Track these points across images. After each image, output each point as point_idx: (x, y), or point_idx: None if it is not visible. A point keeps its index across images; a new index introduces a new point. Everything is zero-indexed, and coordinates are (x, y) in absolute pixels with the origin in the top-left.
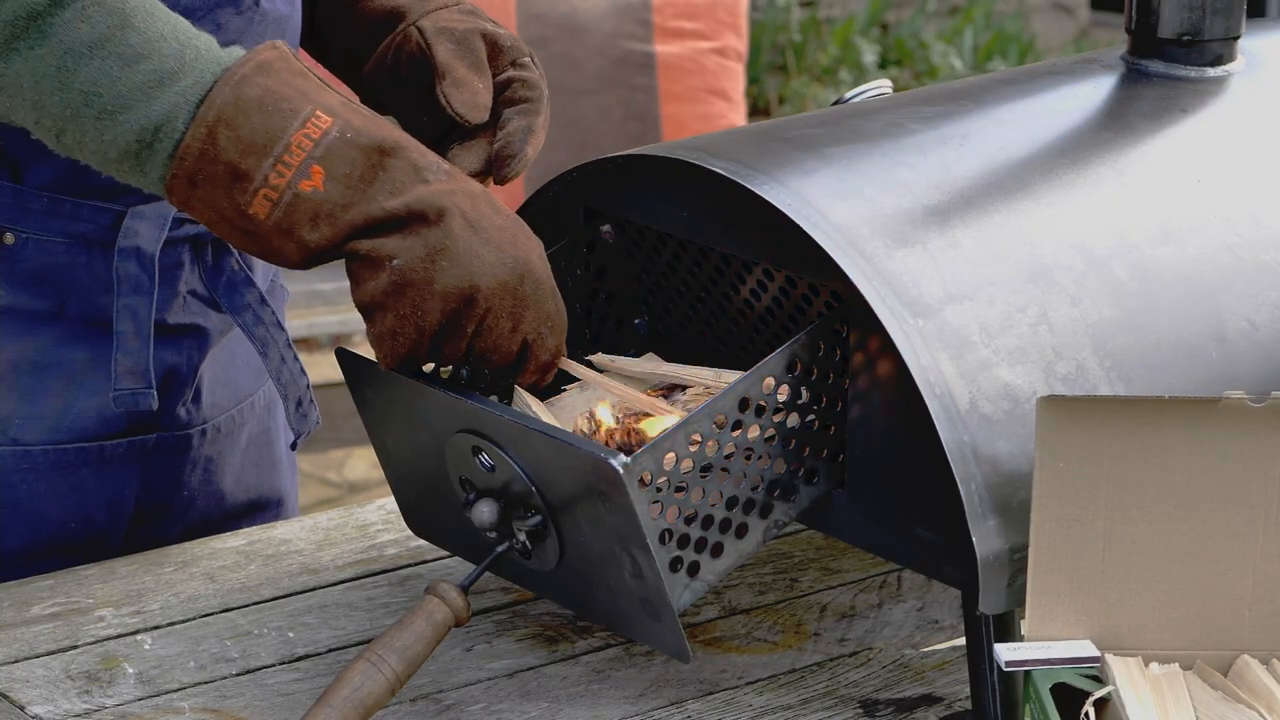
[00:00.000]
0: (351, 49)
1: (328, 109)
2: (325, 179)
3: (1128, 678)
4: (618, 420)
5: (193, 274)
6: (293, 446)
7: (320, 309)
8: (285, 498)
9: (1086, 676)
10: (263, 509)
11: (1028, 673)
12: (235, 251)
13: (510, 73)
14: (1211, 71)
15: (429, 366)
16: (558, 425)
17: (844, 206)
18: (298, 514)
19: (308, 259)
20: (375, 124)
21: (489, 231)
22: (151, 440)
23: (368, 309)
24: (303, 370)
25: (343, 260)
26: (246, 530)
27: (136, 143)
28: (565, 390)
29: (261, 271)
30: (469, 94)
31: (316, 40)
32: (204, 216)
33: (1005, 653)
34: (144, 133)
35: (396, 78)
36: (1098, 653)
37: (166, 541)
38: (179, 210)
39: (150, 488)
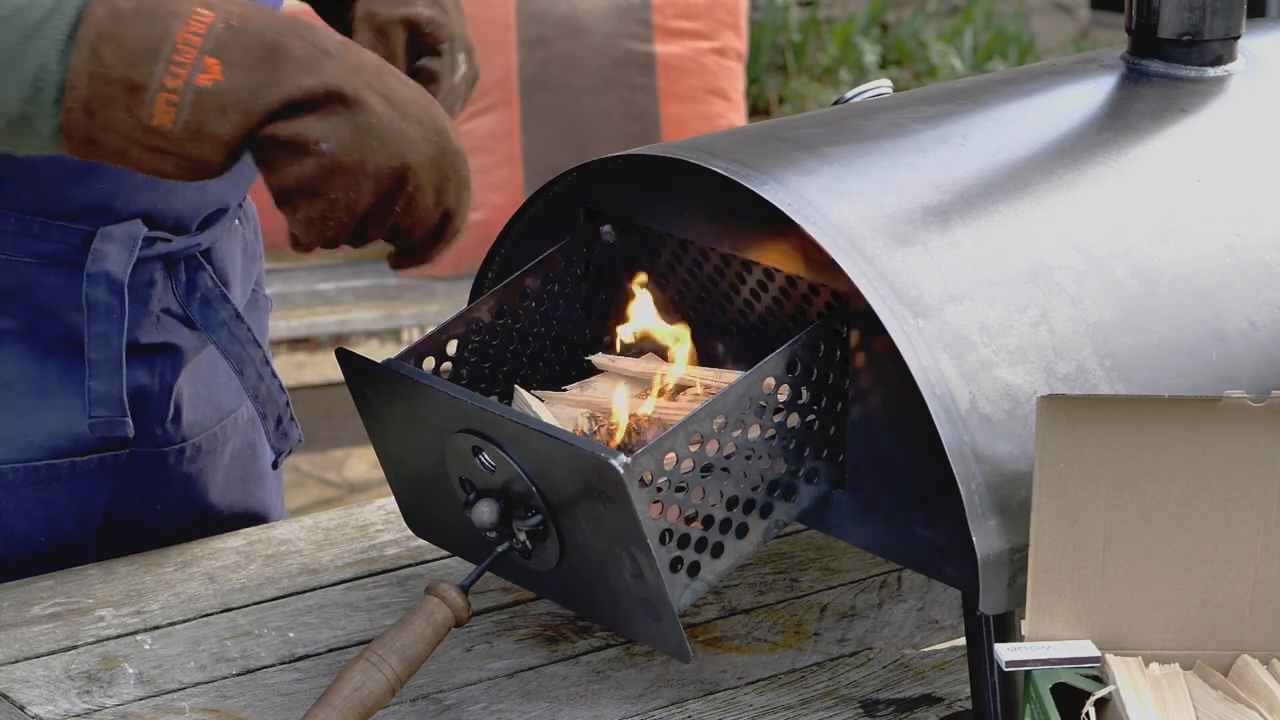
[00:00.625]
0: None
1: (206, 4)
2: (223, 68)
3: (1128, 678)
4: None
5: (166, 292)
6: (274, 465)
7: (320, 309)
8: (271, 513)
9: (1087, 676)
10: (248, 524)
11: (1028, 673)
12: (209, 268)
13: (422, 62)
14: (1212, 71)
15: (429, 363)
16: (558, 425)
17: (844, 206)
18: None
19: (227, 156)
20: (258, 10)
21: (405, 105)
22: (125, 455)
23: (291, 194)
24: (281, 388)
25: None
26: (246, 530)
27: (21, 101)
28: (566, 390)
29: (239, 287)
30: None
31: None
32: (111, 147)
33: (1006, 653)
34: (24, 86)
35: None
36: (1098, 653)
37: (140, 549)
38: (83, 157)
39: (122, 500)
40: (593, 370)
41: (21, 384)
